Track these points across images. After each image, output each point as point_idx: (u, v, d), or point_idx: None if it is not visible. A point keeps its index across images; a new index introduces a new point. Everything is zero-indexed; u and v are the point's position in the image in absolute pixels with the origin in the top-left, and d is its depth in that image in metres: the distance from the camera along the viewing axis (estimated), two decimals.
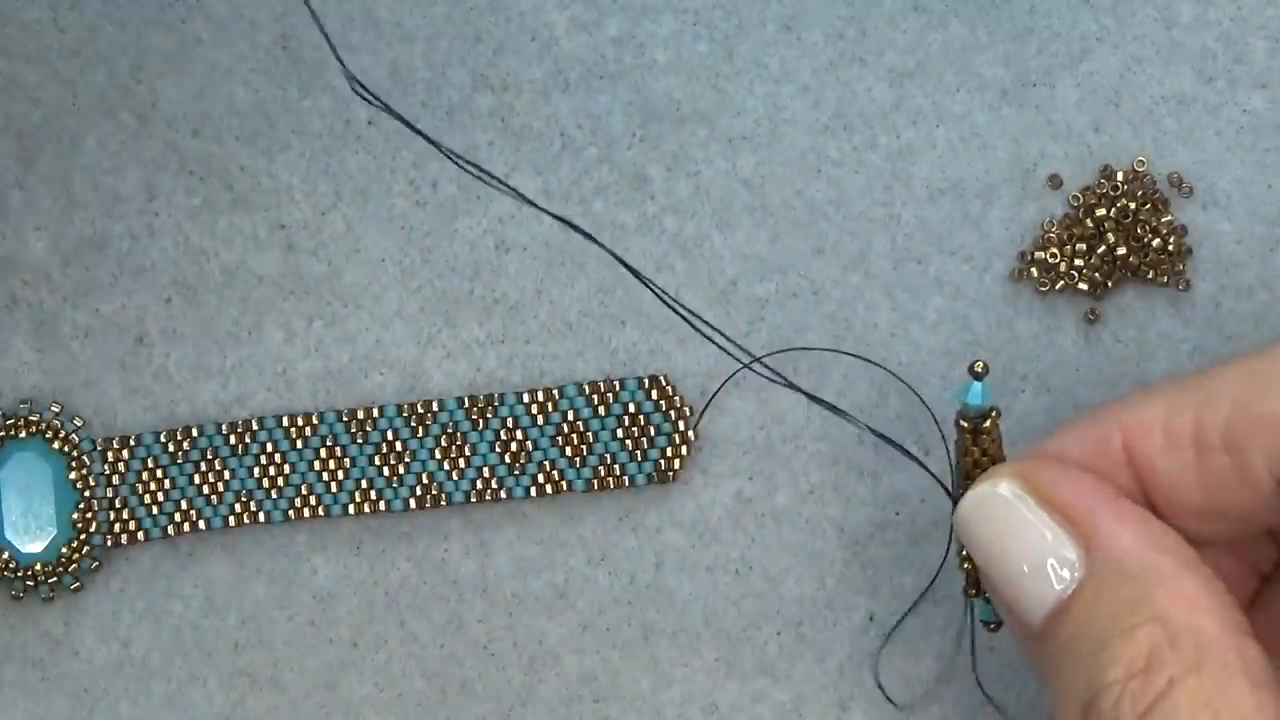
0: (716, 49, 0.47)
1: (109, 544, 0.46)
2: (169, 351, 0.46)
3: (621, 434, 0.46)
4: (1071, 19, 0.47)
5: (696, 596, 0.46)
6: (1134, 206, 0.46)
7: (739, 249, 0.46)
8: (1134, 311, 0.46)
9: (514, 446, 0.46)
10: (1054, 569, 0.38)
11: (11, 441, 0.46)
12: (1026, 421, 0.46)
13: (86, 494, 0.46)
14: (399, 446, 0.46)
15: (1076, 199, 0.46)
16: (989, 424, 0.40)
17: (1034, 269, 0.46)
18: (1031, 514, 0.38)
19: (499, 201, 0.46)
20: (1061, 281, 0.46)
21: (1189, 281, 0.46)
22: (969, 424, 0.40)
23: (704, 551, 0.46)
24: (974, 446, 0.40)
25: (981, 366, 0.39)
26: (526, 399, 0.46)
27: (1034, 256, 0.46)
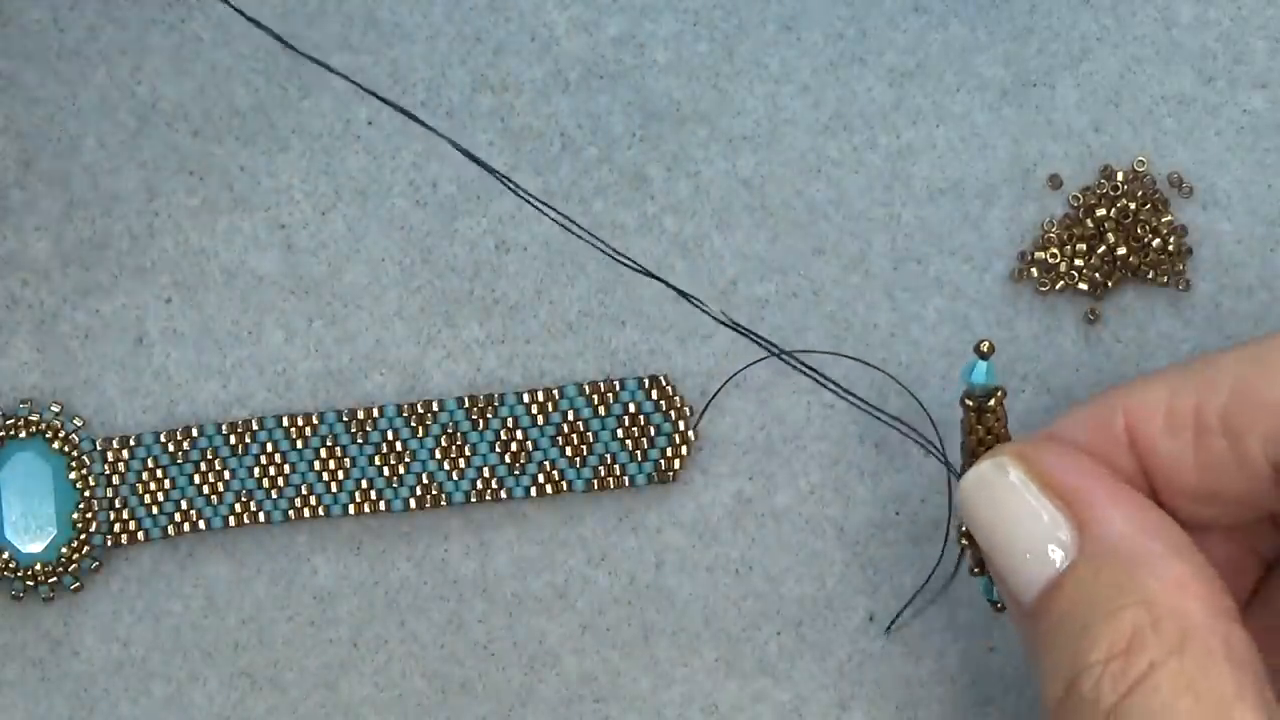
0: (716, 49, 0.47)
1: (109, 544, 0.46)
2: (169, 351, 0.46)
3: (621, 434, 0.46)
4: (1071, 19, 0.47)
5: (696, 596, 0.46)
6: (1134, 206, 0.46)
7: (739, 249, 0.46)
8: (1134, 311, 0.46)
9: (514, 446, 0.46)
10: (1049, 549, 0.38)
11: (11, 441, 0.46)
12: (1027, 421, 0.46)
13: (86, 494, 0.46)
14: (399, 446, 0.46)
15: (1076, 199, 0.46)
16: (994, 403, 0.40)
17: (1034, 269, 0.46)
18: (1029, 494, 0.38)
19: (499, 201, 0.46)
20: (1061, 281, 0.46)
21: (1189, 281, 0.46)
22: (974, 403, 0.40)
23: (704, 551, 0.46)
24: (979, 425, 0.40)
25: (987, 346, 0.40)
26: (526, 399, 0.46)
27: (1034, 256, 0.46)
